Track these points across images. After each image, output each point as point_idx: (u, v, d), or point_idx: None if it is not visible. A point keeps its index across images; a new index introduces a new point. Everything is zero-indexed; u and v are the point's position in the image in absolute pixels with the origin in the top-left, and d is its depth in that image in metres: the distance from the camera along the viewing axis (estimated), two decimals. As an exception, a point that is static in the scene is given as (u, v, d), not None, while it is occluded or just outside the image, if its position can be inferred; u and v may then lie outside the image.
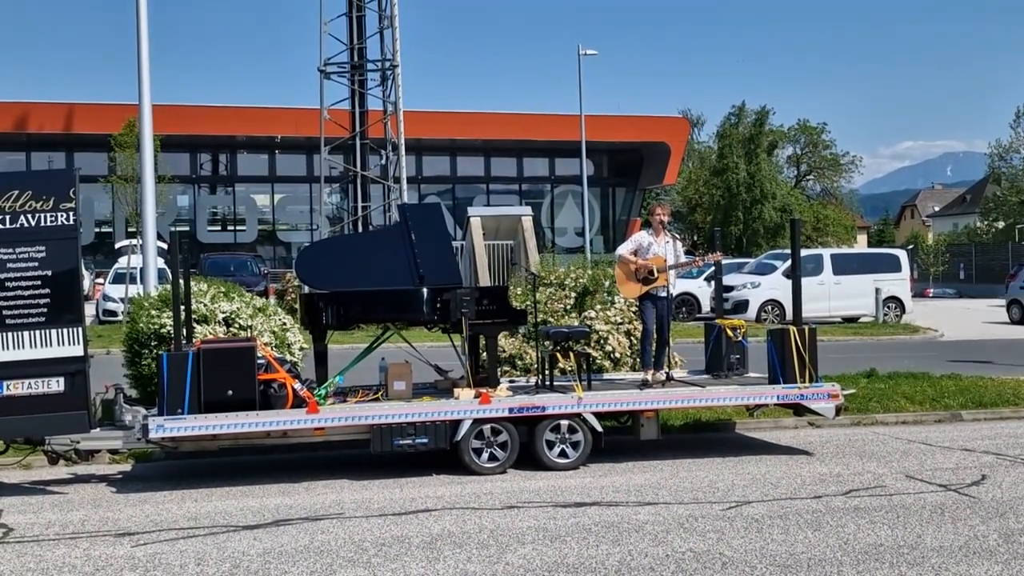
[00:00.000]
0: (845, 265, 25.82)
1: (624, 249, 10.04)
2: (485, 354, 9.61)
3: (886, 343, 21.52)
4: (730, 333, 10.40)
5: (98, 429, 8.61)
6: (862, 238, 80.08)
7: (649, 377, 9.77)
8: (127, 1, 17.14)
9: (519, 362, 11.29)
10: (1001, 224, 64.47)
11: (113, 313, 25.43)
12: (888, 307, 25.34)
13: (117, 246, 32.28)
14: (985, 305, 35.84)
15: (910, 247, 45.43)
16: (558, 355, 9.59)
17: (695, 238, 60.04)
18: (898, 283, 25.76)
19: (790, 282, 10.44)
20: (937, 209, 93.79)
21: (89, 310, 22.32)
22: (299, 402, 8.62)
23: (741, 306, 24.26)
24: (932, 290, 45.11)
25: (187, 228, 41.96)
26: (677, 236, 10.14)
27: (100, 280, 29.31)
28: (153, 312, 10.85)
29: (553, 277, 12.42)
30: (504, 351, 11.26)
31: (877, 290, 24.88)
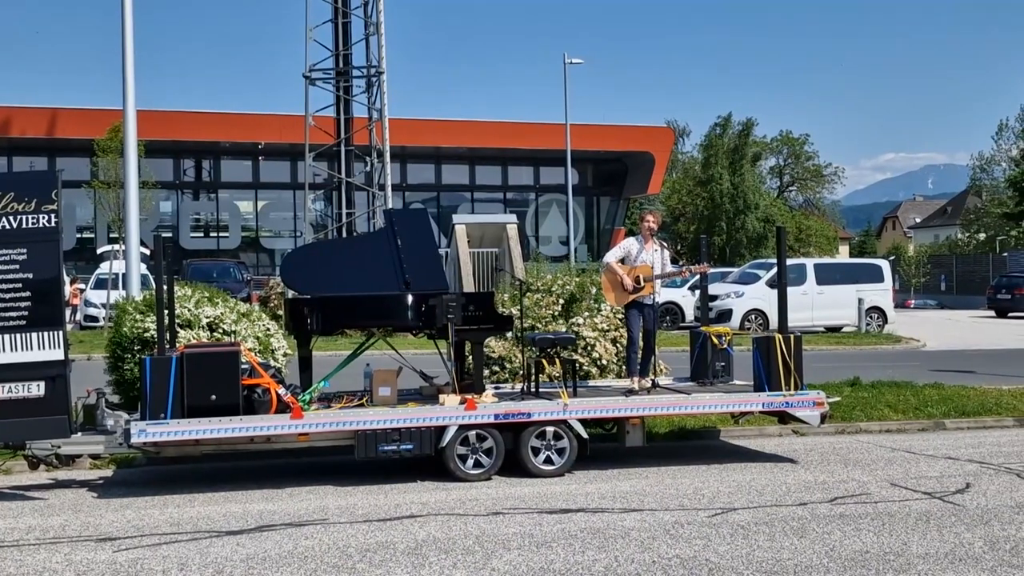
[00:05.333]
0: (828, 275, 25.94)
1: (611, 256, 9.96)
2: (471, 360, 9.58)
3: (868, 352, 21.59)
4: (715, 340, 10.37)
5: (79, 434, 8.54)
6: (844, 249, 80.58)
7: (635, 384, 9.75)
8: (112, 5, 17.07)
9: (508, 364, 11.22)
10: (982, 236, 65.04)
11: (94, 319, 25.26)
12: (871, 317, 25.46)
13: (99, 251, 32.05)
14: (966, 316, 36.04)
15: (891, 258, 45.66)
16: (544, 361, 9.55)
17: (678, 247, 60.21)
18: (881, 293, 25.91)
19: (774, 291, 10.45)
20: (918, 221, 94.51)
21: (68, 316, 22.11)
22: (283, 407, 8.57)
23: (725, 315, 24.32)
24: (913, 301, 45.35)
25: (170, 234, 41.73)
26: (665, 244, 10.08)
27: (80, 286, 29.08)
28: (137, 316, 10.77)
29: (541, 283, 12.40)
30: (494, 352, 11.22)
31: (860, 300, 25.01)
